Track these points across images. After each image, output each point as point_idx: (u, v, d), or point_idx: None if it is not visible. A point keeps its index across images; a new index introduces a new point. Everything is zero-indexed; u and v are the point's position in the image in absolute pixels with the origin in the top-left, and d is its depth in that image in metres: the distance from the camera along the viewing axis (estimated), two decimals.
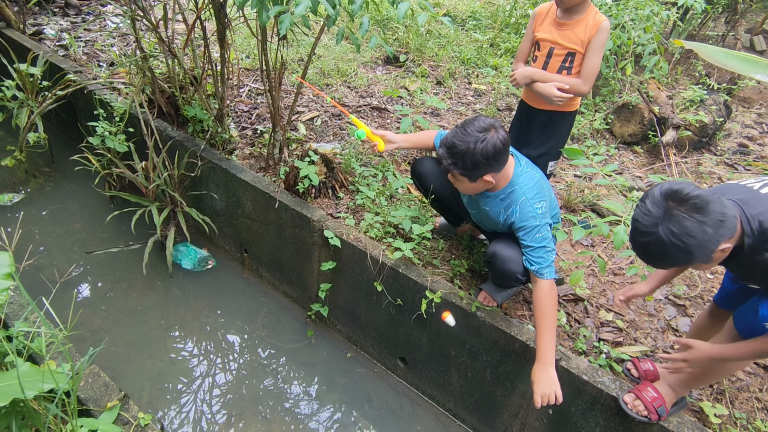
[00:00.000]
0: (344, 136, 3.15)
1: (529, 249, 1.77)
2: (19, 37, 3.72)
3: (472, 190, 1.83)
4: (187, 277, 2.97)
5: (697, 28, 4.72)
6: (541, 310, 1.73)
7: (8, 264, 1.47)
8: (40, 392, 1.35)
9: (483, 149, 1.64)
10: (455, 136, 1.68)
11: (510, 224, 1.83)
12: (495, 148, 1.65)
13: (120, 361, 2.46)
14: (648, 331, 2.11)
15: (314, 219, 2.42)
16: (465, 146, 1.65)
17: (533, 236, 1.76)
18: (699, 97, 3.48)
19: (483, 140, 1.64)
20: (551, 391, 1.69)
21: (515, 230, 1.82)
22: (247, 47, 4.01)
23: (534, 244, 1.76)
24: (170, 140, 2.89)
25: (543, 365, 1.71)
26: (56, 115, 3.72)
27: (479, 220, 2.07)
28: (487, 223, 2.01)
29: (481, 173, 1.71)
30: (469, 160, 1.66)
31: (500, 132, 1.67)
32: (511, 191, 1.82)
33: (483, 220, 2.03)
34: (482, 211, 1.94)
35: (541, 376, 1.71)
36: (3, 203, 3.22)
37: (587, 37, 2.05)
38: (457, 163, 1.69)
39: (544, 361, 1.71)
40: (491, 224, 1.98)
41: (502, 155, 1.69)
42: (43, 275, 2.78)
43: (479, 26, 4.78)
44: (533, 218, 1.76)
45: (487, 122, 1.68)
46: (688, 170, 3.27)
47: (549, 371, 1.71)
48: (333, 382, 2.53)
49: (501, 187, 1.83)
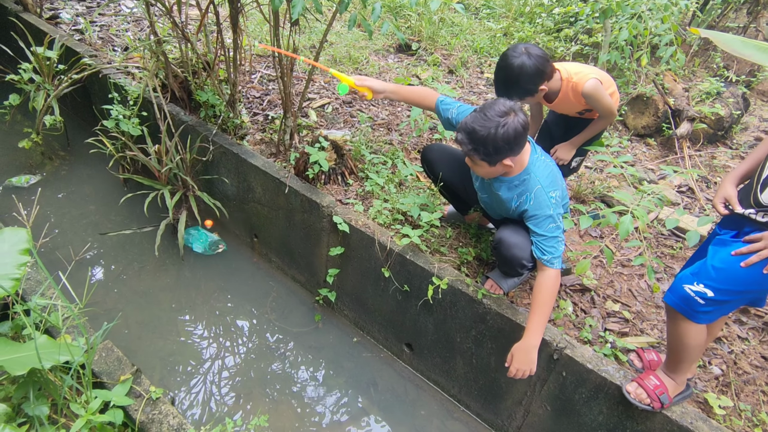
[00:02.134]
0: (354, 123, 3.15)
1: (541, 238, 1.77)
2: (36, 21, 3.77)
3: (491, 174, 1.82)
4: (197, 260, 3.02)
5: (716, 19, 4.62)
6: (542, 294, 1.74)
7: (26, 240, 1.51)
8: (57, 363, 1.39)
9: (504, 133, 1.63)
10: (475, 121, 1.67)
11: (522, 212, 1.83)
12: (516, 131, 1.64)
13: (132, 339, 2.52)
14: (655, 323, 2.11)
15: (323, 205, 2.44)
16: (486, 131, 1.64)
17: (546, 226, 1.76)
18: (716, 89, 3.42)
19: (504, 125, 1.63)
20: (527, 369, 1.75)
21: (526, 218, 1.82)
22: (259, 33, 4.02)
23: (547, 234, 1.76)
24: (183, 125, 2.92)
25: (527, 343, 1.75)
26: (71, 99, 3.77)
27: (489, 205, 2.07)
28: (496, 208, 2.01)
29: (501, 157, 1.70)
30: (491, 145, 1.66)
31: (520, 115, 1.66)
32: (526, 178, 1.81)
33: (493, 205, 2.03)
34: (494, 196, 1.94)
35: (522, 352, 1.75)
36: (20, 184, 3.29)
37: (581, 105, 2.14)
38: (478, 148, 1.68)
39: (529, 340, 1.75)
40: (501, 210, 1.98)
41: (522, 138, 1.69)
42: (59, 254, 2.84)
43: (493, 15, 4.72)
44: (547, 207, 1.76)
45: (507, 106, 1.67)
46: (701, 163, 3.22)
47: (531, 351, 1.74)
48: (339, 366, 2.57)
49: (516, 173, 1.83)
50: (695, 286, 1.44)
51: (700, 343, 1.54)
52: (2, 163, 3.48)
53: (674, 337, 1.57)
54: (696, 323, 1.48)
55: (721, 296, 1.42)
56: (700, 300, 1.43)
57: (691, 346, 1.54)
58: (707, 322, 1.49)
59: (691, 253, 2.47)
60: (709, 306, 1.44)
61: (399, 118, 3.28)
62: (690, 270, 1.50)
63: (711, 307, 1.44)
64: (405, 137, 3.07)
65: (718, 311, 1.47)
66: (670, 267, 2.40)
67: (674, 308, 1.50)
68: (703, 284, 1.43)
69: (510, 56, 1.96)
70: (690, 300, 1.45)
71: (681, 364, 1.63)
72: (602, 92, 2.08)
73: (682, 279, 1.49)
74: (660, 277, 2.33)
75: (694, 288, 1.44)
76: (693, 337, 1.51)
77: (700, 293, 1.43)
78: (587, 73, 2.08)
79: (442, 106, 2.02)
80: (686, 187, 3.01)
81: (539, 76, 1.98)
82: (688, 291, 1.45)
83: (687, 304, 1.46)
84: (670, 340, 1.62)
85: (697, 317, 1.47)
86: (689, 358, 1.59)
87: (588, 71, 2.10)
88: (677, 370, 1.65)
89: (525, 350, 1.75)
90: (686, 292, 1.46)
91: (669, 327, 1.59)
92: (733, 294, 1.43)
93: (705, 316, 1.47)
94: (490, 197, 1.99)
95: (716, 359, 1.96)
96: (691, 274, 1.48)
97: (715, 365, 1.94)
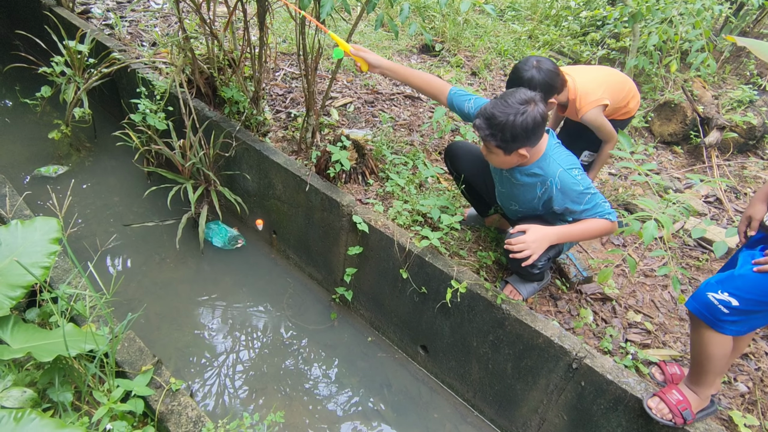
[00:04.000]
0: (376, 123, 3.15)
1: (585, 212, 1.75)
2: (68, 15, 3.86)
3: (505, 163, 1.80)
4: (217, 254, 3.06)
5: (751, 25, 4.49)
6: (589, 222, 1.76)
7: (56, 230, 1.55)
8: (82, 351, 1.43)
9: (523, 122, 1.62)
10: (495, 107, 1.66)
11: (548, 200, 1.80)
12: (534, 121, 1.63)
13: (151, 329, 2.57)
14: (678, 336, 2.06)
15: (343, 204, 2.45)
16: (505, 118, 1.63)
17: (583, 200, 1.74)
18: (748, 97, 3.33)
19: (523, 113, 1.62)
20: (532, 248, 1.73)
21: (558, 204, 1.78)
22: (284, 31, 4.05)
23: (588, 206, 1.74)
24: (207, 120, 2.96)
25: (548, 229, 1.76)
26: (100, 92, 3.85)
27: (506, 199, 2.03)
28: (515, 201, 1.98)
29: (517, 146, 1.69)
30: (509, 133, 1.64)
31: (540, 105, 1.65)
32: (545, 164, 1.78)
33: (511, 199, 1.99)
34: (514, 187, 1.91)
35: (539, 232, 1.75)
36: (48, 174, 3.38)
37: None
38: (495, 134, 1.67)
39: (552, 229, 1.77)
40: (521, 202, 1.94)
41: (540, 129, 1.67)
42: (85, 243, 2.91)
43: (518, 17, 4.67)
44: (575, 185, 1.74)
45: (527, 95, 1.65)
46: (731, 173, 3.14)
47: (546, 237, 1.75)
48: (353, 365, 2.57)
49: (533, 161, 1.80)
50: (719, 294, 1.41)
51: (725, 354, 1.49)
52: (32, 152, 3.58)
53: (697, 347, 1.53)
54: (720, 333, 1.44)
55: (746, 306, 1.38)
56: (724, 309, 1.40)
57: (714, 356, 1.49)
58: (734, 333, 1.44)
59: (717, 266, 2.41)
60: (734, 316, 1.40)
61: (420, 119, 3.27)
62: (716, 277, 1.46)
63: (736, 317, 1.40)
64: (426, 138, 3.06)
65: (746, 323, 1.43)
66: (695, 279, 2.34)
67: (697, 316, 1.47)
68: (727, 293, 1.40)
69: (520, 69, 1.96)
70: (713, 308, 1.41)
71: (704, 377, 1.59)
72: (602, 121, 2.15)
73: (706, 286, 1.45)
74: (685, 289, 2.28)
75: (717, 296, 1.41)
76: (716, 347, 1.47)
77: (724, 302, 1.40)
78: (592, 92, 2.10)
79: (457, 98, 1.98)
80: (714, 197, 2.93)
81: (548, 91, 1.97)
82: (711, 299, 1.42)
83: (710, 312, 1.43)
84: (693, 350, 1.58)
85: (722, 327, 1.43)
86: (713, 369, 1.55)
87: (594, 88, 2.12)
88: (700, 383, 1.61)
89: (543, 233, 1.74)
90: (709, 300, 1.42)
91: (692, 336, 1.55)
92: (760, 305, 1.39)
93: (731, 327, 1.43)
94: (509, 190, 1.95)
95: (742, 376, 1.91)
96: (716, 281, 1.44)
97: (740, 382, 1.88)
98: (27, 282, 1.46)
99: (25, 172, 3.40)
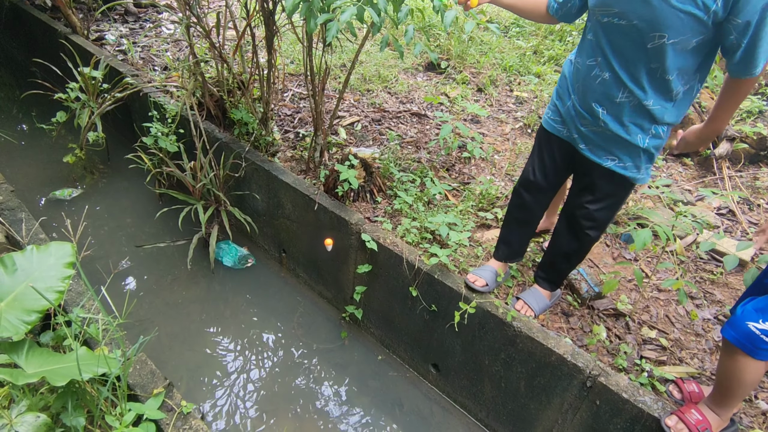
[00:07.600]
0: (383, 141, 3.18)
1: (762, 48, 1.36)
2: (83, 42, 3.98)
3: None
4: (227, 274, 3.08)
5: None
6: (738, 95, 1.51)
7: (70, 254, 1.58)
8: (95, 375, 1.43)
9: None
10: None
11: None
12: None
13: (162, 350, 2.58)
14: (695, 352, 2.02)
15: (352, 222, 2.46)
16: None
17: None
18: (758, 108, 3.31)
19: None
20: (695, 146, 1.68)
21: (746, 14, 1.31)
22: (291, 52, 4.13)
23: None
24: (217, 142, 3.01)
25: (710, 128, 1.64)
26: (113, 116, 3.95)
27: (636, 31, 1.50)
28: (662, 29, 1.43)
29: None
30: None
31: None
32: None
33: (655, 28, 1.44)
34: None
35: (701, 135, 1.67)
36: (63, 197, 3.45)
37: None
38: None
39: (714, 125, 1.63)
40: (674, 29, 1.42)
41: None
42: (98, 265, 2.95)
43: (522, 33, 4.72)
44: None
45: None
46: (743, 184, 3.10)
47: (709, 138, 1.66)
48: (364, 384, 2.55)
49: None
50: (761, 324, 1.37)
51: (757, 380, 1.45)
52: (47, 175, 3.66)
53: (729, 372, 1.49)
54: (757, 359, 1.40)
55: None
56: (766, 338, 1.36)
57: (746, 382, 1.45)
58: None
59: (731, 279, 2.36)
60: None
61: (428, 136, 3.29)
62: (753, 305, 1.42)
63: None
64: (434, 155, 3.07)
65: None
66: (710, 293, 2.30)
67: (734, 345, 1.43)
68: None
69: None
70: (754, 337, 1.38)
71: (731, 400, 1.54)
72: None
73: (744, 315, 1.41)
74: (699, 304, 2.24)
75: (759, 326, 1.37)
76: (751, 373, 1.43)
77: (765, 331, 1.36)
78: None
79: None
80: (726, 209, 2.89)
81: None
82: (752, 329, 1.38)
83: (750, 342, 1.39)
84: (722, 375, 1.53)
85: (760, 354, 1.39)
86: (741, 394, 1.50)
87: None
88: (725, 405, 1.57)
89: (706, 134, 1.64)
90: (750, 330, 1.38)
91: (724, 361, 1.50)
92: None
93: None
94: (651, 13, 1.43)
95: (764, 393, 1.86)
96: (755, 310, 1.40)
97: (761, 399, 1.83)
98: (42, 306, 1.48)
99: (40, 194, 3.48)
